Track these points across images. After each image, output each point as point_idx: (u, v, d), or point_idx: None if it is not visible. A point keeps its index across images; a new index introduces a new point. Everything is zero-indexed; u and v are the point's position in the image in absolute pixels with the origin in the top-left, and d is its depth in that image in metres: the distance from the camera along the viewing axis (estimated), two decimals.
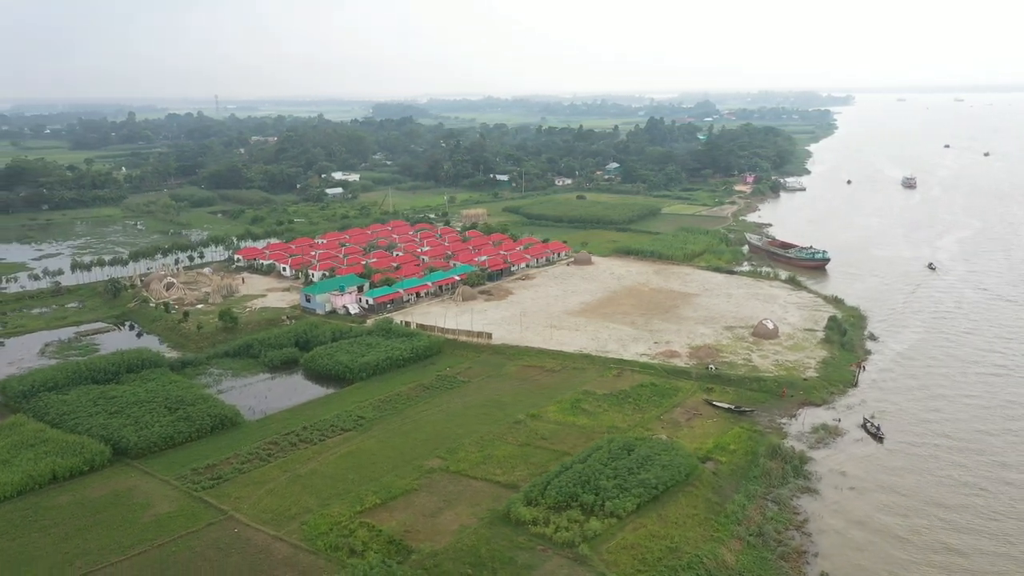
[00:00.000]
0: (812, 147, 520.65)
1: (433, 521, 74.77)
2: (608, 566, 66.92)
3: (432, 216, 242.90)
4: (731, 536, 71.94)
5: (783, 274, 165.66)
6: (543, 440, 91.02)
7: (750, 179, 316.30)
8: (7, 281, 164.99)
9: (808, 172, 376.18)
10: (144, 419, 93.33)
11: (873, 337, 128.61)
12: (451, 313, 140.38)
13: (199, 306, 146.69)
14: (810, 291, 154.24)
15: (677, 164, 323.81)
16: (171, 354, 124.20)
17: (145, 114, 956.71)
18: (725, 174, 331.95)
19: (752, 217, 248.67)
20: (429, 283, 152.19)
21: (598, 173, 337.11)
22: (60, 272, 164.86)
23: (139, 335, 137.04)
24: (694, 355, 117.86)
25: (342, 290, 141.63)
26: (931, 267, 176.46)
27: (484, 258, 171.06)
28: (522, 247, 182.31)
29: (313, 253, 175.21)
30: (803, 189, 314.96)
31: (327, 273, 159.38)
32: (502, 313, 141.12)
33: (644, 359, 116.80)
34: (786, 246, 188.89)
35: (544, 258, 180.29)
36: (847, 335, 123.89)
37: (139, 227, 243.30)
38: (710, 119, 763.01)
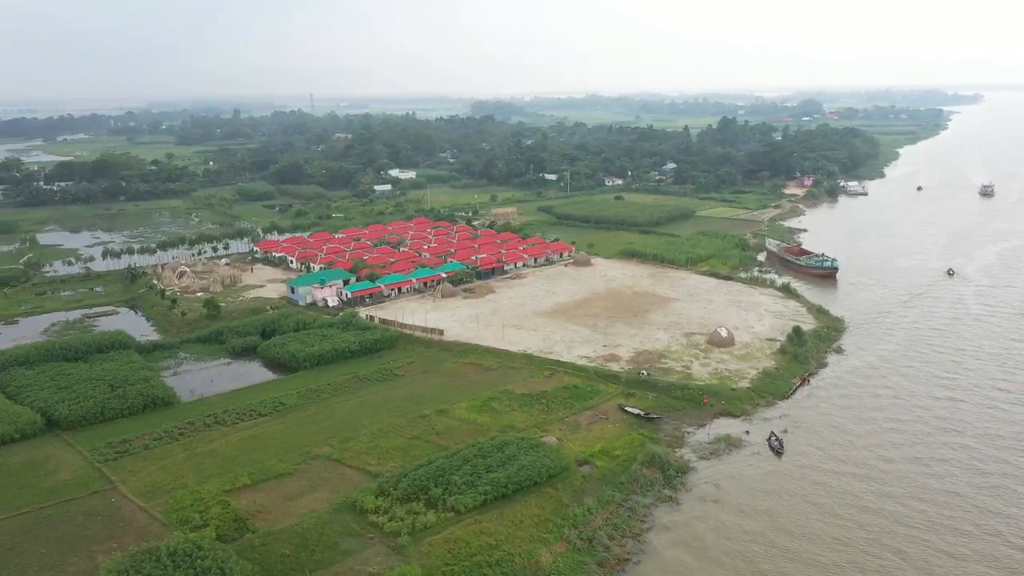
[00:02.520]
0: (906, 149, 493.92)
1: (288, 503, 79.09)
2: (421, 557, 69.22)
3: (463, 214, 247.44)
4: (559, 539, 72.63)
5: (780, 281, 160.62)
6: (435, 435, 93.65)
7: (808, 182, 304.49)
8: (47, 265, 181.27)
9: (882, 176, 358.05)
10: (85, 394, 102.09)
11: (840, 350, 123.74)
12: (425, 309, 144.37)
13: (199, 294, 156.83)
14: (799, 300, 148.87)
15: (734, 166, 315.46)
16: (153, 337, 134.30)
17: (256, 112, 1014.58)
18: (786, 176, 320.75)
19: (792, 222, 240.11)
20: (413, 279, 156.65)
21: (652, 174, 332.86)
22: (91, 259, 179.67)
23: (148, 319, 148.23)
24: (633, 360, 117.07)
25: (322, 283, 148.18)
26: (950, 273, 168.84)
27: (482, 256, 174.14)
28: (524, 247, 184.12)
29: (324, 247, 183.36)
30: (865, 194, 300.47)
31: (325, 266, 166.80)
32: (472, 311, 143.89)
33: (582, 361, 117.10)
34: (801, 253, 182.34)
35: (544, 258, 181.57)
36: (804, 347, 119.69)
37: (194, 218, 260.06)
38: (807, 118, 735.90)
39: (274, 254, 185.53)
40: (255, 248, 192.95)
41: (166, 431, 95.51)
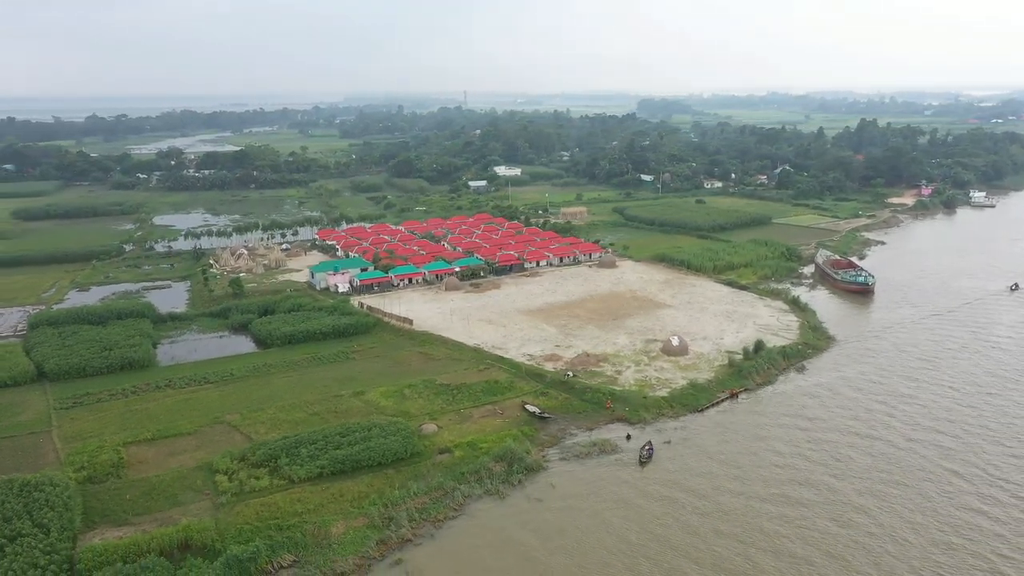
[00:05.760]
0: None
1: (168, 458, 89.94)
2: (232, 515, 77.30)
3: (533, 212, 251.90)
4: (362, 514, 78.05)
5: (792, 294, 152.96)
6: (332, 413, 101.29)
7: (926, 191, 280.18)
8: (147, 242, 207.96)
9: None
10: (78, 352, 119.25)
11: (801, 369, 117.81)
12: (423, 300, 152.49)
13: (242, 274, 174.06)
14: (801, 314, 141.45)
15: (843, 171, 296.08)
16: (182, 310, 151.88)
17: (427, 107, 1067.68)
18: (907, 184, 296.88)
19: (876, 234, 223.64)
20: (424, 271, 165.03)
21: (759, 177, 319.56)
22: (174, 239, 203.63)
23: (189, 293, 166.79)
24: (572, 362, 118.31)
25: (335, 271, 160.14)
26: (1013, 288, 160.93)
27: (511, 253, 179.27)
28: (554, 245, 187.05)
29: (369, 238, 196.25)
30: (992, 206, 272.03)
31: (360, 255, 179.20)
32: (461, 304, 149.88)
33: (523, 359, 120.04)
34: (848, 266, 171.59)
35: (571, 257, 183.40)
36: (755, 362, 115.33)
37: (300, 206, 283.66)
38: (997, 120, 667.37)
39: (327, 241, 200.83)
40: (315, 236, 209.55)
41: (123, 389, 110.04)
